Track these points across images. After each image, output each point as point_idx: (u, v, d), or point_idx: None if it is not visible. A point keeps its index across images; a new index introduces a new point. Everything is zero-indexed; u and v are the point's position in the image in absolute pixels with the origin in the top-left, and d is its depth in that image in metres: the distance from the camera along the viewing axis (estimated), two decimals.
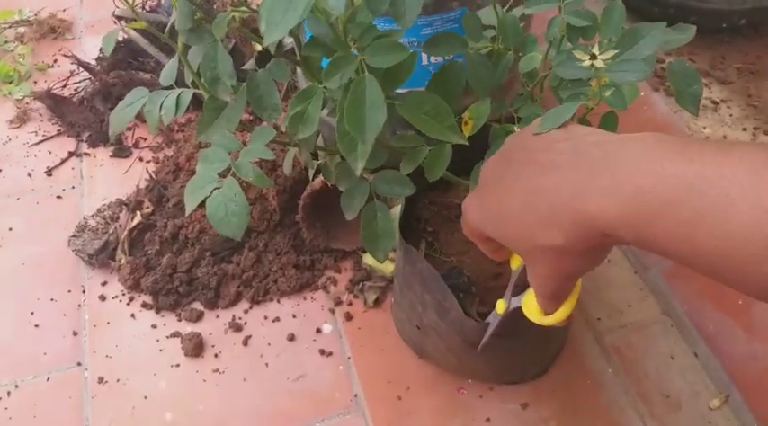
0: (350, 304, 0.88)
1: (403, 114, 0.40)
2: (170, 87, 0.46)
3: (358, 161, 0.36)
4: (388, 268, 0.89)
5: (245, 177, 0.39)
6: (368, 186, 0.49)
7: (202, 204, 0.40)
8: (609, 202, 0.35)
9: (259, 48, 1.07)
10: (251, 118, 1.01)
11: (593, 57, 0.42)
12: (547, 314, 0.50)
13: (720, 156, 0.33)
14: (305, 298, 0.88)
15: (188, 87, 0.46)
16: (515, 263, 0.58)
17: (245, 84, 0.41)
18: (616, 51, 0.42)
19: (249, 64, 0.45)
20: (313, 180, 0.82)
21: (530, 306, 0.53)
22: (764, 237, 0.30)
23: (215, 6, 1.10)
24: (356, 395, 0.79)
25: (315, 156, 0.51)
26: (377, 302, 0.87)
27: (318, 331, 0.85)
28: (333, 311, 0.87)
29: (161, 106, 0.45)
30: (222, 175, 0.39)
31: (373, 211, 0.48)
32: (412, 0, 0.35)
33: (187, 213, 0.39)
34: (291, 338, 0.84)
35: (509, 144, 0.45)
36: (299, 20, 0.27)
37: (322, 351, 0.83)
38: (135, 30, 1.16)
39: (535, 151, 0.41)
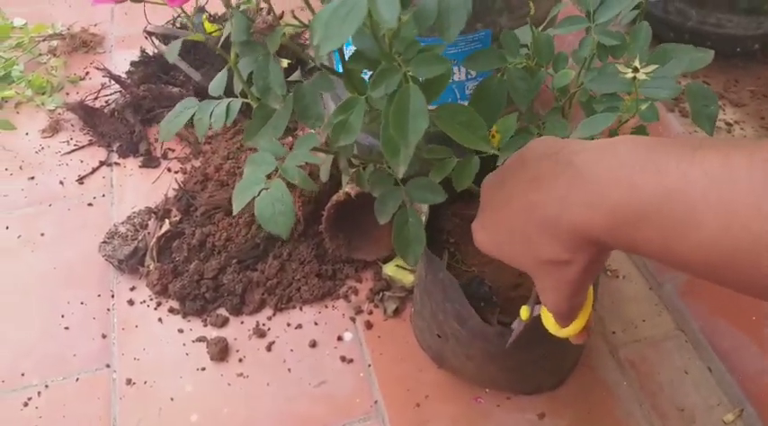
0: (370, 313, 0.90)
1: (438, 123, 0.43)
2: (218, 97, 0.49)
3: (400, 165, 0.38)
4: (407, 278, 0.91)
5: (292, 180, 0.42)
6: (401, 192, 0.51)
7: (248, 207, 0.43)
8: (592, 214, 0.37)
9: (285, 64, 1.11)
10: None
11: (636, 70, 0.44)
12: (562, 327, 0.53)
13: (685, 165, 0.34)
14: (326, 307, 0.91)
15: (234, 97, 0.49)
16: None
17: (291, 93, 0.44)
18: (657, 66, 0.44)
19: (295, 75, 0.48)
20: (346, 186, 0.85)
21: (547, 317, 0.55)
22: (732, 241, 0.32)
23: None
24: (376, 402, 0.81)
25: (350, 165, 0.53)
26: (396, 311, 0.90)
27: (339, 338, 0.87)
28: (353, 319, 0.89)
29: (211, 114, 0.48)
30: (269, 178, 0.42)
31: (405, 217, 0.51)
32: (456, 17, 0.38)
33: (235, 212, 0.42)
34: (313, 345, 0.86)
35: (503, 166, 0.46)
36: (353, 32, 0.30)
37: (343, 358, 0.85)
38: (165, 44, 1.20)
39: (523, 168, 0.43)
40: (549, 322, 0.55)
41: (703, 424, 0.79)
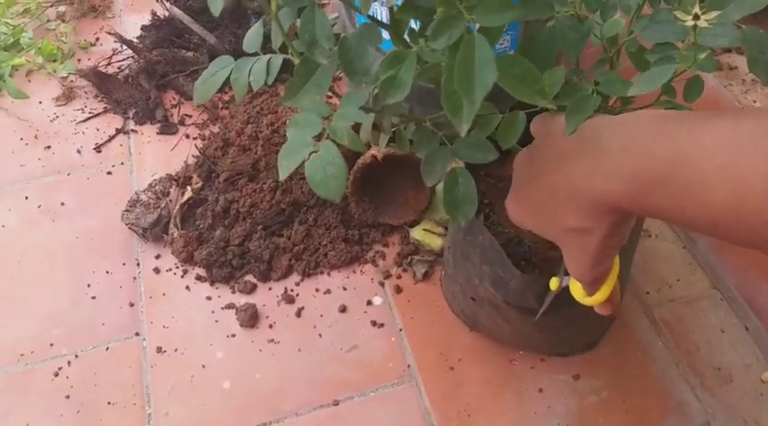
0: (399, 277, 0.89)
1: None
2: (254, 54, 0.47)
3: (463, 122, 0.36)
4: (435, 242, 0.90)
5: (341, 140, 0.40)
6: (449, 152, 0.49)
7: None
8: (613, 183, 0.40)
9: None
10: None
11: (697, 17, 0.42)
12: (588, 295, 0.54)
13: (697, 132, 0.37)
14: (354, 272, 0.90)
15: (273, 53, 0.46)
16: None
17: (336, 47, 0.42)
18: (719, 12, 0.42)
19: (336, 27, 0.45)
20: (372, 149, 0.82)
21: (575, 286, 0.56)
22: (739, 201, 0.35)
23: None
24: (409, 366, 0.80)
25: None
26: (426, 275, 0.88)
27: (369, 303, 0.86)
28: (382, 284, 0.88)
29: (249, 73, 0.45)
30: (316, 139, 0.40)
31: (455, 177, 0.49)
32: None
33: (281, 178, 0.40)
34: (343, 310, 0.85)
35: (532, 144, 0.50)
36: None
37: (374, 323, 0.84)
38: (177, 6, 1.17)
39: (551, 145, 0.46)
40: (577, 290, 0.56)
41: (741, 383, 0.78)
